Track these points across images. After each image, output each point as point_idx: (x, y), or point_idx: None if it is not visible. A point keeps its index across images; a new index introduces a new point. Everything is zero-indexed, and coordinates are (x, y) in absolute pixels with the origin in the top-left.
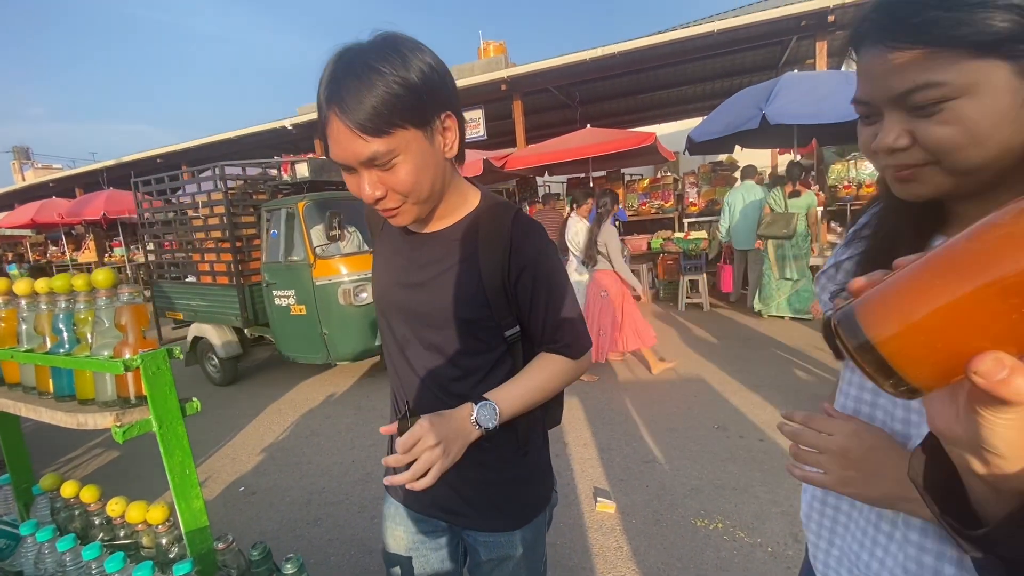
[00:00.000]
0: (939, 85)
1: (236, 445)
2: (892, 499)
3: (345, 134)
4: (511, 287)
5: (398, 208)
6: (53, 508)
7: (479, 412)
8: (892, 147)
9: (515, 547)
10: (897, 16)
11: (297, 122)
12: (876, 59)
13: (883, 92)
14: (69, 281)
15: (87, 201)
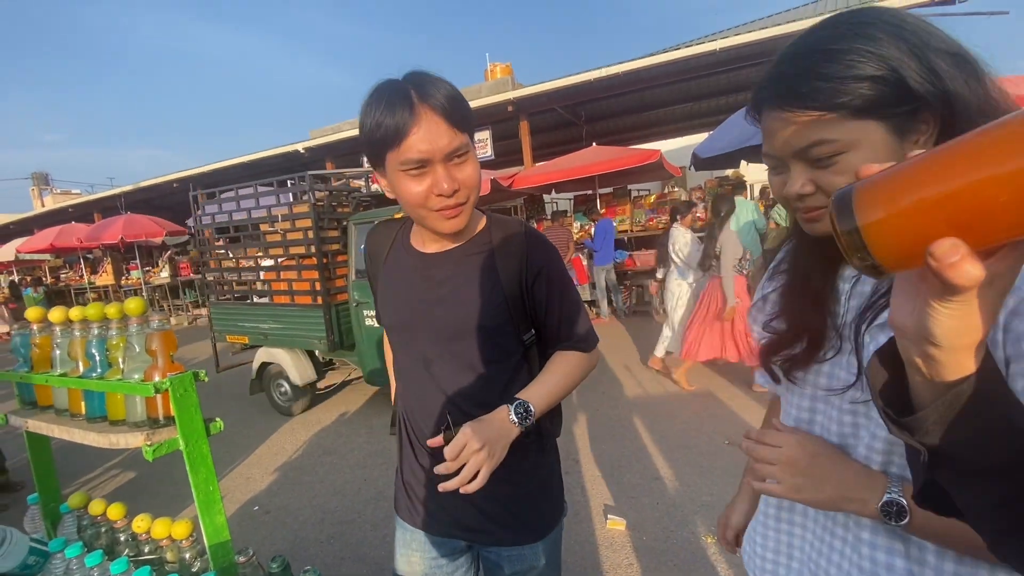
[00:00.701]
0: (830, 142)
1: (250, 464)
2: (838, 500)
3: (439, 127)
4: (527, 291)
5: (463, 205)
6: (80, 526)
7: (515, 411)
8: (799, 193)
9: (539, 558)
10: (789, 86)
11: (309, 146)
12: (776, 121)
13: (785, 148)
14: (102, 309)
15: (105, 226)
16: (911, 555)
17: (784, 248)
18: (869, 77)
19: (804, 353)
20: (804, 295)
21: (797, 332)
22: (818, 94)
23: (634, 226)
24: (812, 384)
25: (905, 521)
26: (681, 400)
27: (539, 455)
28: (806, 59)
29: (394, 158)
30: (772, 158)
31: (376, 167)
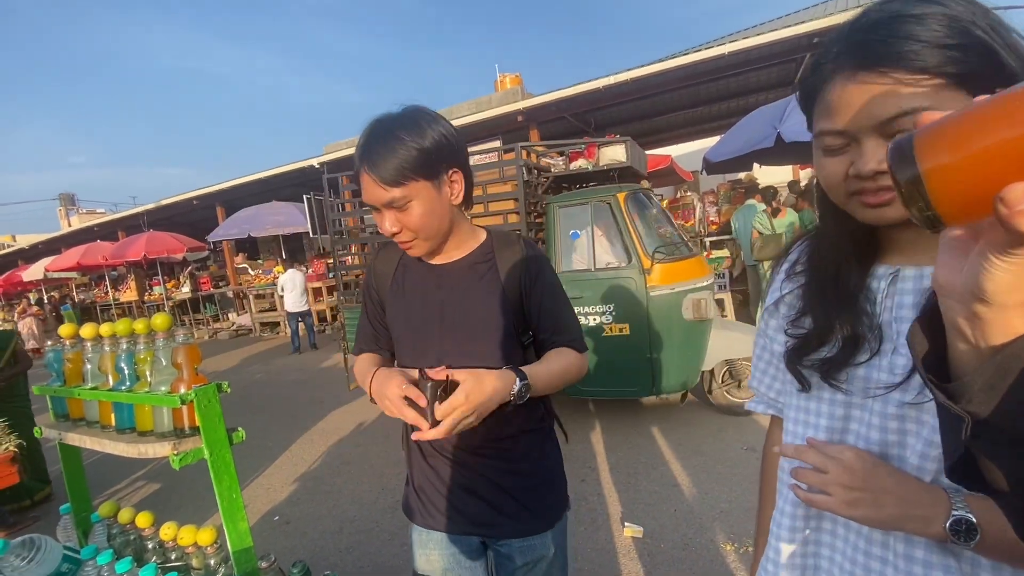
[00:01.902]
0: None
1: (270, 475)
2: (899, 519)
3: (371, 184)
4: (526, 295)
5: (411, 241)
6: (110, 534)
7: (519, 385)
8: (875, 171)
9: (548, 547)
10: (888, 49)
11: (324, 160)
12: (857, 89)
13: (866, 119)
14: (131, 325)
15: (129, 243)
16: (964, 571)
17: (798, 248)
18: (967, 45)
19: (840, 355)
20: (834, 295)
21: (828, 333)
22: (922, 56)
23: None
24: (846, 390)
25: (975, 540)
26: (697, 407)
27: (544, 449)
28: (898, 23)
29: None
30: (837, 135)
31: None
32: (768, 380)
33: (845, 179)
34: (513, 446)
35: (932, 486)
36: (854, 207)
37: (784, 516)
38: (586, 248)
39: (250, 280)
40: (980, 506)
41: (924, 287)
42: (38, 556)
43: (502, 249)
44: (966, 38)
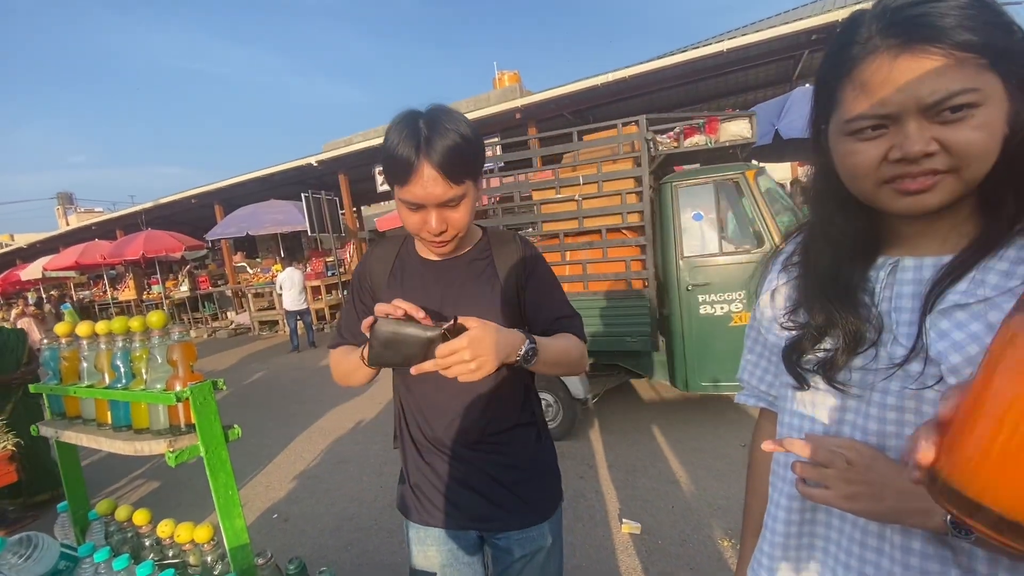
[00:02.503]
0: (974, 91)
1: (269, 473)
2: (899, 512)
3: (435, 181)
4: (523, 286)
5: (452, 239)
6: (107, 532)
7: (527, 345)
8: (924, 152)
9: (545, 537)
10: (946, 25)
11: (322, 158)
12: (903, 66)
13: (911, 100)
14: (126, 323)
15: (127, 242)
16: (961, 564)
17: (794, 240)
18: (997, 24)
19: (841, 352)
20: (835, 291)
21: (828, 329)
22: (966, 33)
23: None
24: (843, 383)
25: (974, 537)
26: (695, 404)
27: (538, 443)
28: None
29: (398, 192)
30: (877, 117)
31: (389, 185)
32: (760, 373)
33: (880, 165)
34: (510, 440)
35: None
36: (885, 196)
37: (779, 510)
38: (710, 231)
39: (248, 279)
40: None
41: (923, 278)
42: (35, 554)
43: (499, 246)
44: (995, 17)
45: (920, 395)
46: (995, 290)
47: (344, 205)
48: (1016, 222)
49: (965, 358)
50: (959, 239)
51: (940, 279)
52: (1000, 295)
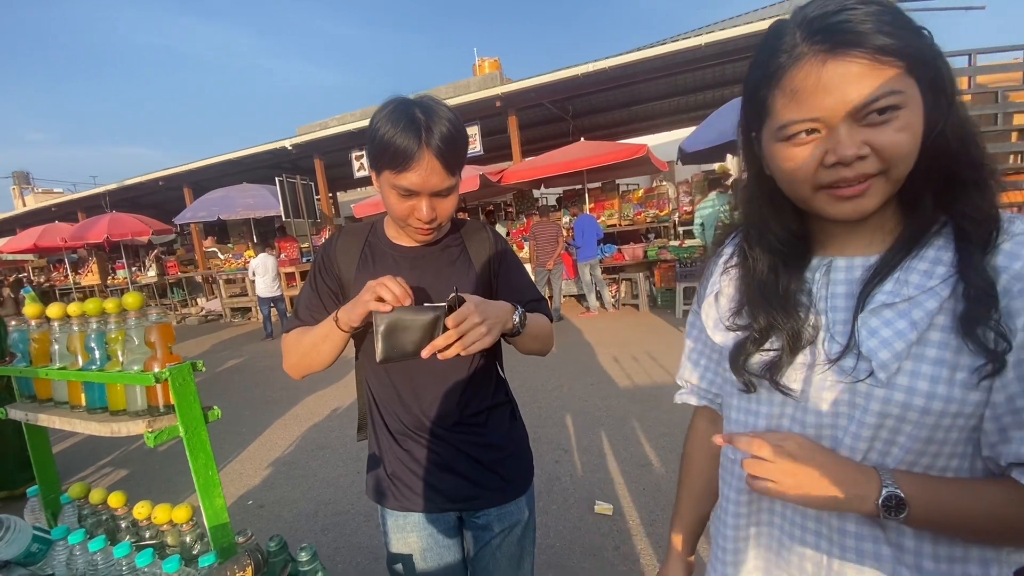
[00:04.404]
0: (898, 93)
1: (243, 460)
2: (838, 500)
3: (435, 170)
4: (495, 272)
5: (438, 228)
6: (80, 515)
7: (519, 311)
8: (857, 155)
9: (522, 511)
10: (852, 29)
11: (297, 142)
12: (830, 71)
13: (840, 105)
14: (101, 304)
15: (90, 225)
16: (891, 541)
17: (731, 241)
18: (913, 30)
19: (783, 354)
20: (774, 293)
21: (770, 331)
22: (887, 39)
23: (622, 220)
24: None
25: (904, 515)
26: (667, 390)
27: (512, 423)
28: (858, 9)
29: (389, 177)
30: (809, 122)
31: (372, 170)
32: (700, 371)
33: (816, 170)
34: (486, 420)
35: (864, 466)
36: (823, 202)
37: (729, 503)
38: None
39: (220, 264)
40: (907, 482)
41: (855, 277)
42: (8, 536)
43: (471, 235)
44: (907, 22)
45: (854, 388)
46: (917, 289)
47: (320, 190)
48: (933, 221)
49: (893, 354)
50: (884, 238)
51: (869, 279)
52: (922, 294)
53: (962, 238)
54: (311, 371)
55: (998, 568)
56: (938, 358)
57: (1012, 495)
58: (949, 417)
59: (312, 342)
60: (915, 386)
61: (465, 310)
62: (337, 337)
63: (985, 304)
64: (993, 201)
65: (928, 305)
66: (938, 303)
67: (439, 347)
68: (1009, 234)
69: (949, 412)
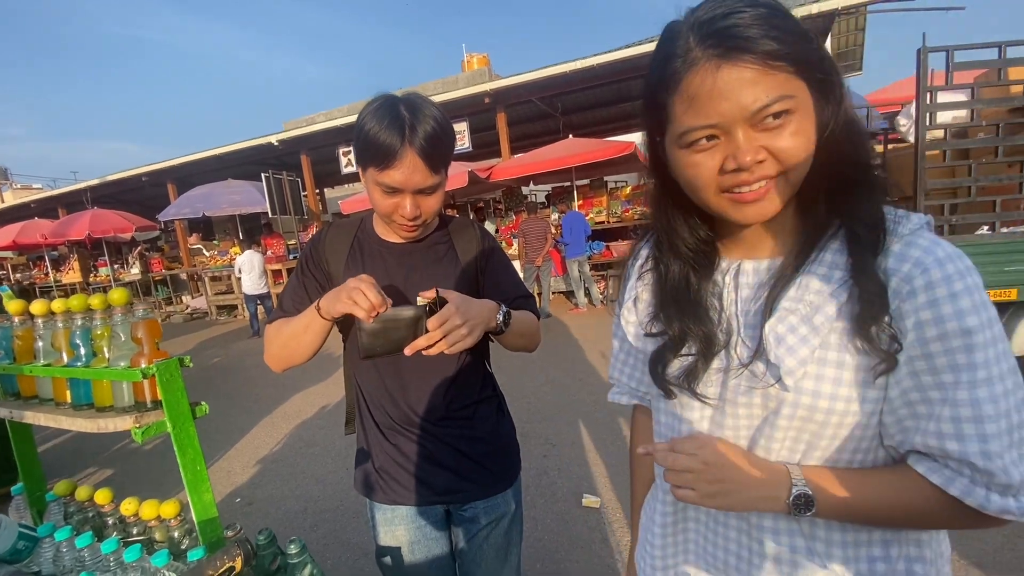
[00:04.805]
0: (790, 98)
1: (231, 458)
2: (753, 501)
3: (418, 169)
4: (482, 269)
5: (423, 224)
6: (67, 512)
7: (503, 310)
8: (756, 160)
9: (509, 504)
10: (742, 34)
11: (283, 137)
12: (724, 78)
13: (737, 111)
14: (86, 300)
15: (71, 221)
16: (804, 532)
17: (646, 245)
18: (800, 34)
19: (699, 359)
20: (685, 298)
21: (685, 338)
22: (776, 44)
23: (611, 217)
24: (705, 393)
25: (812, 511)
26: None
27: (499, 417)
28: (747, 15)
29: (373, 174)
30: (708, 128)
31: (358, 165)
32: (629, 370)
33: (718, 175)
34: (473, 415)
35: (776, 465)
36: (727, 206)
37: (659, 503)
38: None
39: (205, 261)
40: (816, 479)
41: (761, 281)
42: None
43: (458, 232)
44: (795, 26)
45: (766, 393)
46: (817, 294)
47: (307, 187)
48: (828, 225)
49: (798, 360)
50: (787, 240)
51: (773, 284)
52: (822, 299)
53: (854, 241)
54: (292, 362)
55: (897, 547)
56: (839, 360)
57: (909, 483)
58: (851, 415)
59: (293, 332)
60: (820, 389)
61: (447, 311)
62: (319, 326)
63: (877, 307)
64: (880, 204)
65: (828, 310)
66: (836, 307)
67: (421, 347)
68: (898, 235)
69: (851, 411)
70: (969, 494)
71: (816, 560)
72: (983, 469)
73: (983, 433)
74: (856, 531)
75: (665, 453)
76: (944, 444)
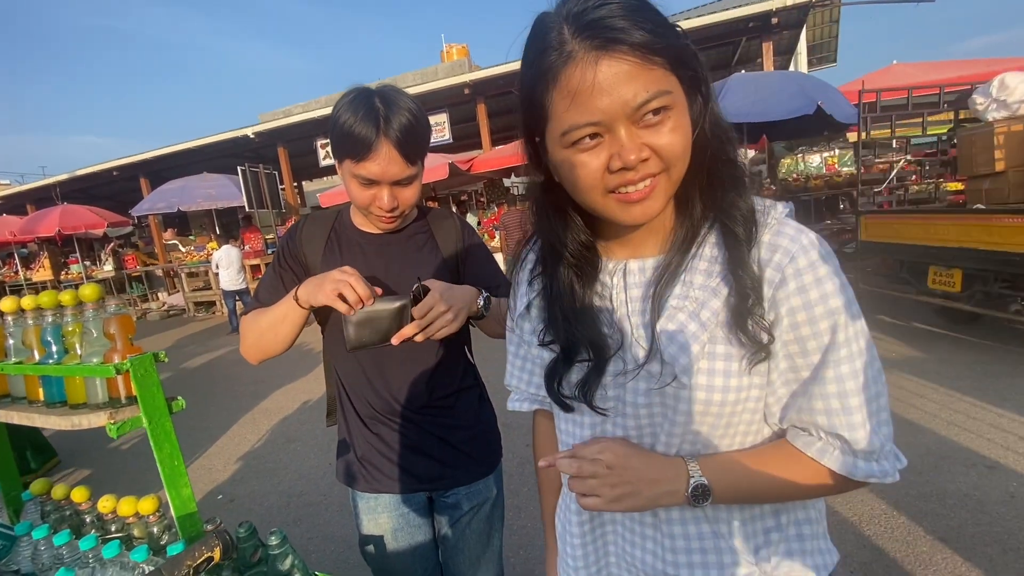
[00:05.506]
0: (667, 93)
1: (211, 456)
2: (655, 498)
3: (394, 160)
4: (462, 259)
5: (401, 215)
6: (43, 511)
7: (484, 297)
8: (640, 159)
9: (491, 489)
10: (616, 27)
11: (259, 130)
12: (602, 72)
13: (619, 107)
14: (56, 297)
15: (40, 217)
16: (708, 516)
17: (532, 249)
18: (671, 30)
19: (594, 367)
20: (571, 306)
21: (576, 348)
22: (650, 38)
23: None
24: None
25: (710, 499)
26: None
27: (480, 404)
28: (618, 8)
29: (349, 167)
30: (592, 126)
31: (335, 158)
32: (527, 376)
33: (603, 175)
34: (455, 403)
35: (674, 460)
36: (613, 207)
37: (572, 514)
38: None
39: (181, 257)
40: (710, 467)
41: (647, 279)
42: None
43: (437, 222)
44: (662, 19)
45: (663, 392)
46: (701, 290)
47: (284, 180)
48: (704, 220)
49: (690, 357)
50: (667, 237)
51: (659, 282)
52: (705, 294)
53: (728, 235)
54: (269, 354)
55: (786, 515)
56: (726, 353)
57: (790, 458)
58: (741, 403)
59: (270, 323)
60: (712, 383)
61: (431, 299)
62: (296, 316)
63: (752, 301)
64: (749, 197)
65: (712, 305)
66: (721, 301)
67: (407, 336)
68: (767, 226)
69: (740, 399)
70: (839, 464)
71: (721, 541)
72: (849, 439)
73: (848, 406)
74: (751, 508)
75: (568, 462)
76: (816, 418)
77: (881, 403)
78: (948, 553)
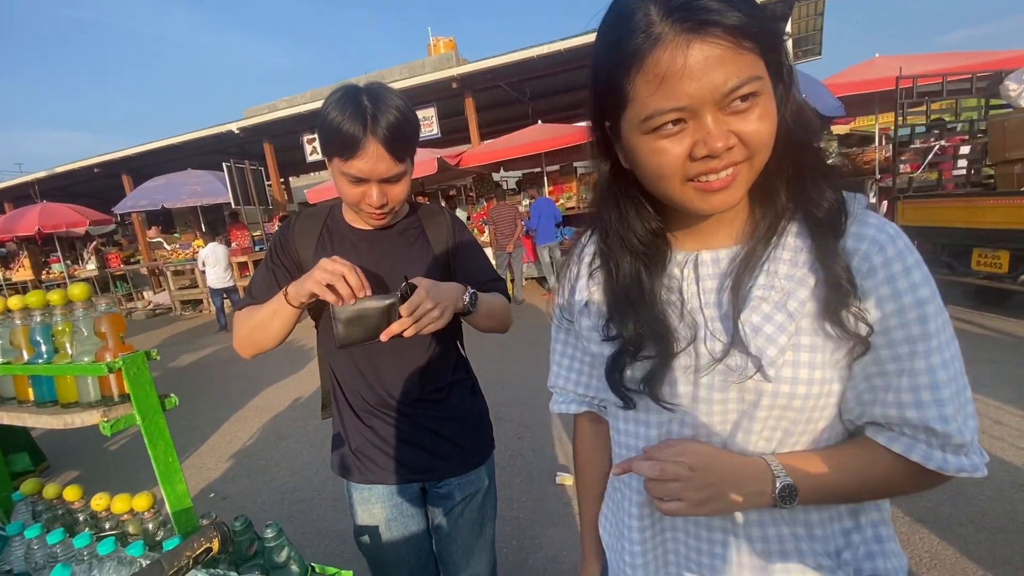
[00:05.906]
0: (758, 79)
1: (203, 454)
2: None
3: (381, 158)
4: (453, 254)
5: (390, 212)
6: (35, 511)
7: (470, 293)
8: (727, 146)
9: (483, 479)
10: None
11: (244, 125)
12: (694, 56)
13: (708, 92)
14: (44, 296)
15: (18, 216)
16: (786, 519)
17: (591, 239)
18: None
19: (659, 361)
20: (639, 298)
21: (642, 340)
22: (744, 22)
23: (581, 203)
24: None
25: (797, 500)
26: None
27: (472, 397)
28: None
29: (338, 165)
30: (677, 111)
31: (324, 155)
32: (575, 376)
33: (684, 163)
34: (447, 396)
35: (754, 459)
36: (692, 196)
37: (632, 519)
38: None
39: (167, 255)
40: (792, 466)
41: (722, 271)
42: None
43: (428, 218)
44: (758, 5)
45: (743, 386)
46: (787, 279)
47: (271, 176)
48: (786, 210)
49: (778, 349)
50: (743, 228)
51: (739, 272)
52: (792, 284)
53: (816, 225)
54: (261, 348)
55: (864, 515)
56: (812, 344)
57: (873, 455)
58: (824, 397)
59: (262, 318)
60: (797, 375)
61: (417, 297)
62: (287, 313)
63: (844, 290)
64: (837, 187)
65: (800, 295)
66: (808, 292)
67: (396, 332)
68: (854, 215)
69: (823, 392)
70: (929, 458)
71: (803, 543)
72: (941, 432)
73: (940, 398)
74: (828, 508)
75: (650, 465)
76: (904, 412)
77: (968, 396)
78: (925, 533)
